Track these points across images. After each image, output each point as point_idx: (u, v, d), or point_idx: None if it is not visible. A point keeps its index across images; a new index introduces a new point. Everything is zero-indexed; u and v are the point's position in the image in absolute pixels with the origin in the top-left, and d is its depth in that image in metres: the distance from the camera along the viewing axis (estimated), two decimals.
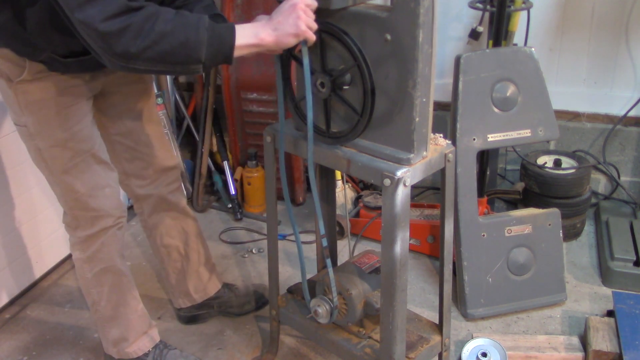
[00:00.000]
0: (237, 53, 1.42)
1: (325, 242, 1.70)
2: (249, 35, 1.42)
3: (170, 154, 2.03)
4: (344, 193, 2.82)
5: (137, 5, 1.34)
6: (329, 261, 1.70)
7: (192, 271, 2.19)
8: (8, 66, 1.59)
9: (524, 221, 2.28)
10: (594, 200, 2.89)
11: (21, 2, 1.47)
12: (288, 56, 1.57)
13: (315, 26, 1.44)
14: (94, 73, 1.71)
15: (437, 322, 1.87)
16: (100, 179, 1.77)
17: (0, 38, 1.54)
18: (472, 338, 2.12)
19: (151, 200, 2.03)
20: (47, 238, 2.58)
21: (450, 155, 1.60)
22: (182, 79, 3.35)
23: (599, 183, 2.96)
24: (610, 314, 2.16)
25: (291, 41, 1.43)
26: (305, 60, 1.48)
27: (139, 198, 2.04)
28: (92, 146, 1.74)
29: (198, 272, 2.21)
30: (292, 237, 2.83)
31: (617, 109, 2.82)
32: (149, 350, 2.02)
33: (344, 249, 2.63)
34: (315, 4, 1.44)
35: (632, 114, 2.77)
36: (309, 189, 3.10)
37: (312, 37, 1.45)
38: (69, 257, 2.71)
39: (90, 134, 1.74)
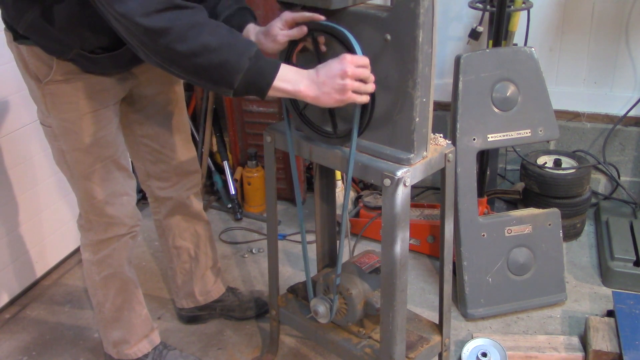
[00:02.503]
0: (271, 93, 1.39)
1: (342, 248, 1.70)
2: (289, 81, 1.39)
3: (194, 158, 2.02)
4: (344, 193, 2.81)
5: (182, 4, 1.31)
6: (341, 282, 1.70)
7: (200, 274, 2.20)
8: (37, 65, 1.58)
9: (524, 221, 2.28)
10: (594, 200, 2.89)
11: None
12: (290, 55, 1.57)
13: (369, 89, 1.42)
14: (123, 74, 1.70)
15: (437, 322, 1.87)
16: (119, 187, 1.77)
17: (30, 36, 1.53)
18: (472, 338, 2.12)
19: (170, 202, 2.04)
20: (48, 237, 2.58)
21: (450, 155, 1.60)
22: None
23: (599, 183, 2.96)
24: (610, 314, 2.16)
25: (332, 104, 1.41)
26: (356, 118, 1.47)
27: (157, 199, 2.04)
28: (115, 152, 1.73)
29: (205, 275, 2.21)
30: (292, 237, 2.83)
31: (617, 109, 2.82)
32: (148, 352, 2.02)
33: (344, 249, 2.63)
34: (367, 64, 1.41)
35: (632, 114, 2.77)
36: (309, 188, 3.10)
37: (361, 100, 1.42)
38: (70, 256, 2.72)
39: (114, 140, 1.73)
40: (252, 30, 1.58)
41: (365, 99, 1.43)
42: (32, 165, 2.44)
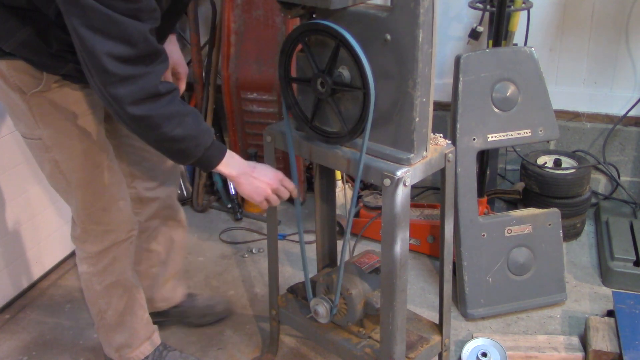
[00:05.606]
0: (216, 171, 1.62)
1: (345, 248, 1.71)
2: (231, 168, 1.61)
3: None
4: (344, 193, 2.82)
5: (163, 91, 1.42)
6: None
7: (164, 280, 2.15)
8: (22, 78, 1.53)
9: (524, 221, 2.28)
10: (594, 200, 2.89)
11: (44, 21, 1.44)
12: (289, 56, 1.57)
13: (274, 203, 1.68)
14: None
15: (437, 322, 1.87)
16: (115, 192, 1.75)
17: (19, 53, 1.49)
18: (472, 338, 2.12)
19: (155, 204, 1.99)
20: (46, 239, 2.58)
21: (450, 155, 1.60)
22: None
23: (599, 183, 2.96)
24: (610, 314, 2.16)
25: (247, 197, 1.67)
26: (368, 124, 1.49)
27: (142, 200, 2.00)
28: (107, 156, 1.72)
29: (169, 282, 2.17)
30: (292, 237, 2.83)
31: (617, 109, 2.82)
32: (149, 353, 2.01)
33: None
34: (292, 189, 1.69)
35: (632, 114, 2.77)
36: (309, 188, 3.10)
37: (263, 207, 1.70)
38: (68, 257, 2.71)
39: (106, 144, 1.72)
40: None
41: (265, 207, 1.69)
42: (28, 168, 2.43)
